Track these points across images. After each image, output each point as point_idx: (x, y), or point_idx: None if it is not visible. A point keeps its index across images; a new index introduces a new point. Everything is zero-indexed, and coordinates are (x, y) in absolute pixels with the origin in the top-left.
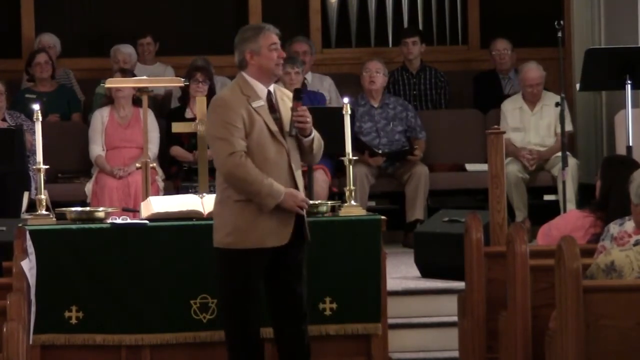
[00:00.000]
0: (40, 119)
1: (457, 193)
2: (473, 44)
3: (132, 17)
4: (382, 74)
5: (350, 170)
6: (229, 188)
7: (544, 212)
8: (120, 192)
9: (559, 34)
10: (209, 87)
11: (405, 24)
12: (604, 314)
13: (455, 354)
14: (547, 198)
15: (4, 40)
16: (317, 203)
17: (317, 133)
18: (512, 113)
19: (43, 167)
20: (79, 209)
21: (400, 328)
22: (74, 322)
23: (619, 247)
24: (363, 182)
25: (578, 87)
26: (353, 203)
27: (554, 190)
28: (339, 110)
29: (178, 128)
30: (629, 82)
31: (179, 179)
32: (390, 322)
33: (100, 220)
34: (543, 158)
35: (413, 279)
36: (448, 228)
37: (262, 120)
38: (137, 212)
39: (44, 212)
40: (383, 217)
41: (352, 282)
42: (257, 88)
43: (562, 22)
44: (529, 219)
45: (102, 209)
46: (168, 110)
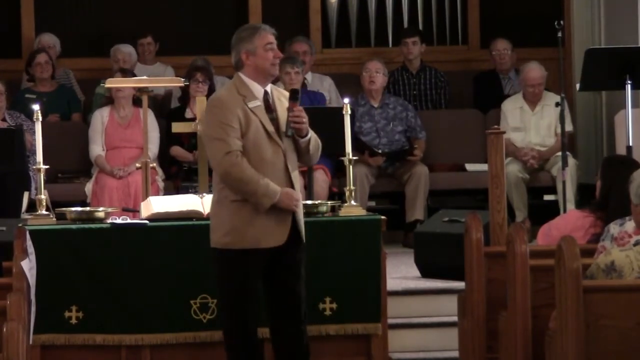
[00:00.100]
0: (40, 119)
1: (457, 193)
2: (473, 44)
3: (132, 17)
4: (382, 74)
5: (350, 170)
6: (226, 188)
7: (544, 212)
8: (120, 192)
9: (559, 34)
10: (209, 87)
11: (405, 24)
12: (604, 314)
13: (455, 354)
14: (547, 198)
15: (4, 40)
16: (317, 203)
17: (314, 134)
18: (512, 113)
19: (43, 167)
20: (79, 209)
21: (400, 328)
22: (74, 322)
23: (619, 247)
24: (363, 182)
25: (578, 87)
26: (353, 203)
27: (554, 190)
28: (339, 110)
29: (178, 128)
30: (629, 82)
31: (179, 179)
32: (390, 322)
33: (100, 220)
34: (543, 158)
35: (413, 279)
36: (448, 228)
37: (258, 121)
38: (137, 212)
39: (44, 212)
40: (383, 217)
41: (352, 282)
42: (253, 88)
43: (562, 22)
44: (529, 219)
45: (102, 209)
46: (168, 110)
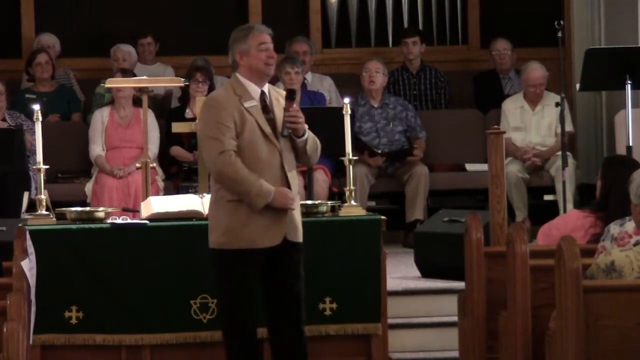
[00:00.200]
0: (40, 119)
1: (457, 193)
2: (473, 44)
3: (132, 17)
4: (381, 74)
5: (350, 170)
6: (222, 188)
7: (544, 212)
8: (120, 192)
9: (559, 34)
10: (209, 87)
11: (405, 24)
12: (604, 314)
13: (455, 354)
14: (547, 198)
15: (4, 40)
16: (317, 203)
17: (312, 134)
18: (513, 112)
19: (43, 167)
20: (79, 209)
21: (400, 328)
22: (74, 322)
23: (619, 247)
24: (363, 182)
25: (578, 87)
26: (353, 203)
27: (554, 190)
28: (339, 110)
29: (178, 128)
30: (629, 82)
31: (179, 179)
32: (390, 322)
33: (100, 220)
34: (543, 158)
35: (413, 279)
36: (448, 228)
37: (253, 120)
38: (137, 212)
39: (44, 212)
40: (383, 217)
41: (352, 282)
42: (250, 88)
43: (562, 22)
44: (529, 219)
45: (102, 209)
46: (168, 110)
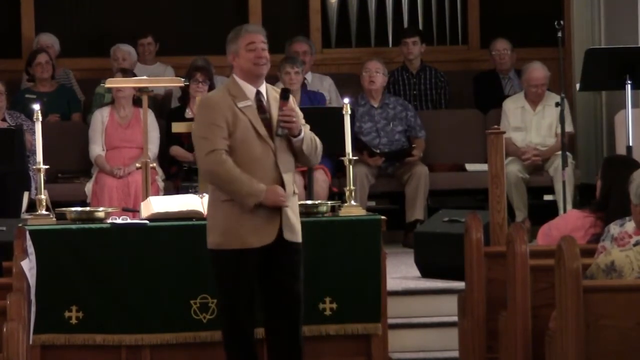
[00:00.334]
0: (40, 119)
1: (457, 193)
2: (473, 44)
3: (132, 17)
4: (381, 74)
5: (350, 170)
6: (217, 189)
7: (544, 212)
8: (120, 192)
9: (559, 34)
10: (209, 87)
11: (405, 24)
12: (604, 314)
13: (455, 354)
14: (546, 198)
15: (4, 40)
16: (317, 203)
17: (313, 135)
18: (513, 112)
19: (43, 167)
20: (79, 209)
21: (400, 328)
22: (74, 322)
23: (619, 247)
24: (363, 182)
25: (578, 87)
26: (353, 203)
27: (554, 190)
28: (339, 110)
29: (178, 128)
30: (629, 82)
31: (179, 179)
32: (390, 322)
33: (100, 220)
34: (543, 158)
35: (413, 279)
36: (448, 228)
37: (247, 120)
38: (137, 212)
39: (44, 212)
40: (383, 217)
41: (352, 282)
42: (245, 89)
43: (562, 22)
44: (529, 219)
45: (102, 209)
46: (168, 110)
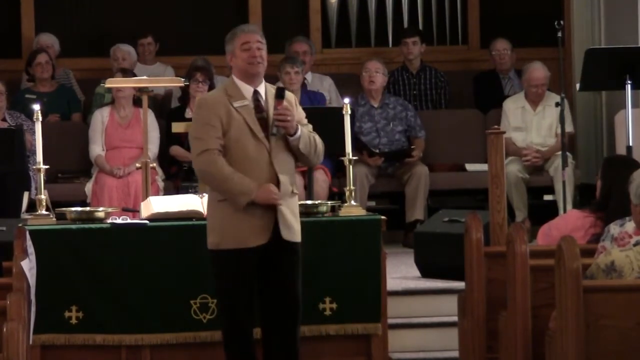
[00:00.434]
0: (40, 119)
1: (457, 193)
2: (473, 44)
3: (132, 17)
4: (381, 74)
5: (350, 170)
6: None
7: (544, 212)
8: (120, 192)
9: (559, 34)
10: (209, 87)
11: (405, 24)
12: (604, 314)
13: (455, 354)
14: (546, 198)
15: (4, 40)
16: (317, 203)
17: (314, 135)
18: (514, 112)
19: (43, 167)
20: (79, 209)
21: (400, 328)
22: (74, 322)
23: (619, 247)
24: (363, 182)
25: (578, 87)
26: (353, 203)
27: (554, 190)
28: (339, 110)
29: (178, 128)
30: (629, 82)
31: (179, 179)
32: (390, 322)
33: (100, 220)
34: (544, 158)
35: (413, 279)
36: (448, 228)
37: (242, 119)
38: (137, 212)
39: (44, 212)
40: (383, 217)
41: (352, 282)
42: (243, 88)
43: (562, 22)
44: (529, 219)
45: (102, 209)
46: (168, 110)
